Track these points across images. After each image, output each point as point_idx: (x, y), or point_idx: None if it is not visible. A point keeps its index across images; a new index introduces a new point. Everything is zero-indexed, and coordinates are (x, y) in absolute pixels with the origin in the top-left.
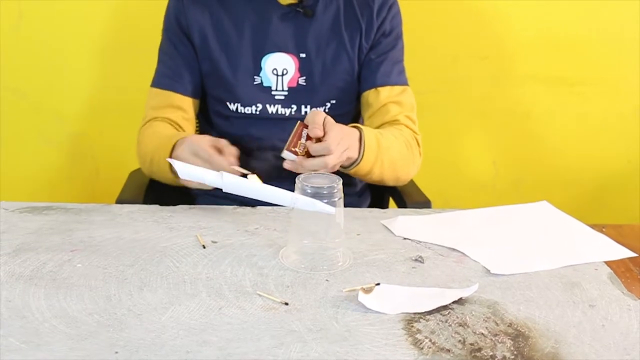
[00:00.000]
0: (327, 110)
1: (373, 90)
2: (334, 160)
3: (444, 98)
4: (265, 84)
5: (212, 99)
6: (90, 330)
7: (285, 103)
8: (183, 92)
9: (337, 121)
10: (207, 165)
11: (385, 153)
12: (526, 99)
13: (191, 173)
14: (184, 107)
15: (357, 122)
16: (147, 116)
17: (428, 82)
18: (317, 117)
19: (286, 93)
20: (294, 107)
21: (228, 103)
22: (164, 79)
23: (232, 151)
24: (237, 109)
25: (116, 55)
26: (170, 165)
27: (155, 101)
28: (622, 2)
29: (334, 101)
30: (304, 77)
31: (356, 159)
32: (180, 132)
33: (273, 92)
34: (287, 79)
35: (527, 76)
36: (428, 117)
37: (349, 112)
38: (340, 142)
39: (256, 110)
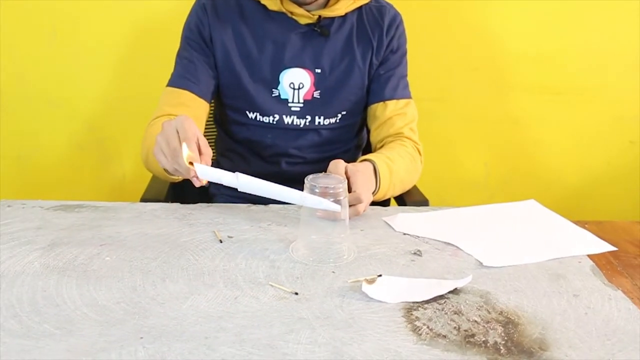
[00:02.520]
0: (337, 121)
1: (381, 103)
2: (364, 207)
3: (440, 105)
4: (282, 97)
5: (230, 110)
6: (118, 318)
7: (300, 114)
8: (197, 93)
9: (345, 130)
10: (176, 145)
11: (396, 176)
12: (514, 106)
13: (209, 174)
14: (195, 106)
15: (362, 130)
16: (156, 113)
17: (426, 90)
18: (339, 168)
19: (302, 105)
20: (309, 117)
21: (247, 112)
22: (179, 79)
23: (209, 153)
24: (255, 117)
25: (140, 66)
26: None
27: (166, 99)
28: (601, 18)
29: (344, 112)
30: (319, 91)
31: (374, 190)
32: None
33: (290, 104)
34: (303, 92)
35: (515, 86)
36: (426, 123)
37: (357, 122)
38: (367, 190)
39: (273, 120)
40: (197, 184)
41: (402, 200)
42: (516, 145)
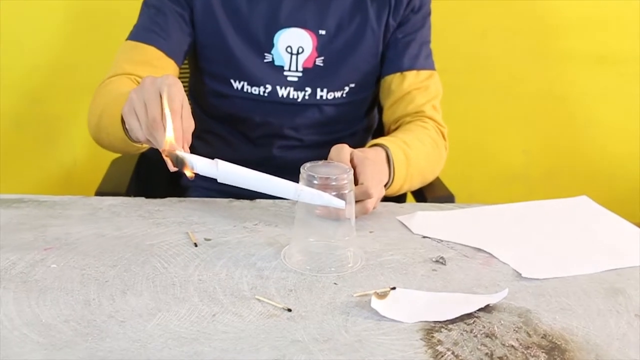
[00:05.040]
0: (344, 95)
1: (398, 74)
2: (374, 202)
3: (469, 78)
4: (277, 63)
5: (210, 77)
6: (66, 340)
7: (298, 85)
8: (165, 50)
9: (353, 107)
10: (156, 115)
11: (414, 165)
12: (562, 79)
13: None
14: (162, 66)
15: (373, 108)
16: (112, 71)
17: (452, 59)
18: (343, 154)
19: (300, 74)
20: (309, 90)
21: (232, 80)
22: (144, 32)
23: (190, 126)
24: (242, 87)
25: (96, 27)
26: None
27: (127, 55)
28: None
29: (352, 85)
30: (322, 58)
31: (387, 183)
32: None
33: (285, 73)
34: (302, 58)
35: (564, 54)
36: (451, 99)
37: (367, 98)
38: (378, 183)
39: (264, 92)
40: (172, 169)
41: (422, 195)
42: (563, 127)
